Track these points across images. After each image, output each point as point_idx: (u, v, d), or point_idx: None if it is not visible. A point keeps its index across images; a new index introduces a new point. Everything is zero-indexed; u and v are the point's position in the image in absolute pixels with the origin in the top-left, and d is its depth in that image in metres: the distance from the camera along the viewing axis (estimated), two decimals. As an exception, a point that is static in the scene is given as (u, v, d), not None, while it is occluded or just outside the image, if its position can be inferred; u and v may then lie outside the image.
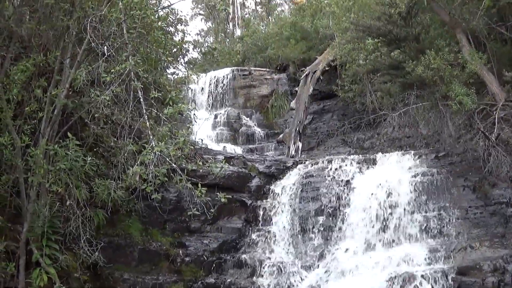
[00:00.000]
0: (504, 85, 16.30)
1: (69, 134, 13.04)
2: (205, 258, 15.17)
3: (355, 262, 14.46)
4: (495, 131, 15.28)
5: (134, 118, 13.80)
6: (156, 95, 12.67)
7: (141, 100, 12.66)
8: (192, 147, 15.81)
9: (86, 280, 13.86)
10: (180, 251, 15.24)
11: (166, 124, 12.49)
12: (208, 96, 27.36)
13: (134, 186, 13.14)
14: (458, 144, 16.70)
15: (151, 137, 12.30)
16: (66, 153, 12.76)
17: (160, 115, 12.46)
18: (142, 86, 12.92)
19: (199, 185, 12.24)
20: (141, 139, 13.32)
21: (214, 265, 15.15)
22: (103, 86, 12.90)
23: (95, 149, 14.33)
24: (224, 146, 22.34)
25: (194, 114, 17.12)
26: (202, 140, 19.33)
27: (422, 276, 13.26)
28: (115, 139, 14.35)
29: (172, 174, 12.27)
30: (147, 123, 12.72)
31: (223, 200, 12.46)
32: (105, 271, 14.28)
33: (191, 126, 16.39)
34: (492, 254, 13.59)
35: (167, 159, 11.84)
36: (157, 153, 11.75)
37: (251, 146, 23.27)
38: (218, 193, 12.67)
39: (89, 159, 13.19)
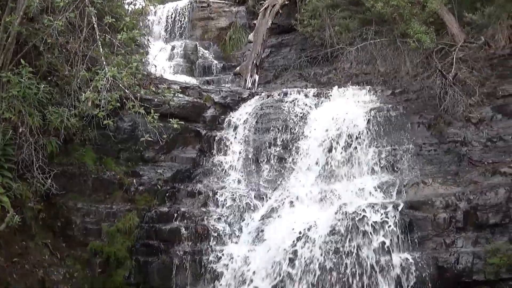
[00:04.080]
0: (464, 26, 16.35)
1: (22, 61, 12.81)
2: (159, 187, 15.13)
3: (308, 194, 14.58)
4: (452, 70, 15.45)
5: (88, 47, 13.70)
6: (110, 21, 12.44)
7: (95, 26, 12.46)
8: (146, 74, 15.66)
9: (40, 209, 13.86)
10: (134, 180, 15.17)
11: (120, 51, 12.33)
12: (166, 28, 26.95)
13: (87, 113, 13.04)
14: (415, 81, 16.77)
15: (104, 64, 12.16)
16: (19, 80, 12.58)
17: (114, 41, 12.26)
18: (96, 12, 12.72)
19: (152, 111, 12.17)
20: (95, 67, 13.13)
21: (167, 194, 15.16)
22: (57, 13, 12.67)
23: (49, 78, 14.12)
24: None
25: (148, 39, 16.89)
26: (156, 66, 19.18)
27: (373, 208, 13.42)
28: (69, 68, 14.06)
29: (125, 101, 12.18)
30: (101, 50, 12.57)
31: (175, 126, 12.43)
32: (59, 200, 14.25)
33: (144, 51, 16.18)
34: (445, 191, 13.78)
35: (120, 84, 11.71)
36: (110, 78, 11.62)
37: (207, 78, 23.06)
38: (170, 119, 12.61)
39: (42, 86, 13.00)
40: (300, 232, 13.41)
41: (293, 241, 13.29)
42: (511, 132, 14.80)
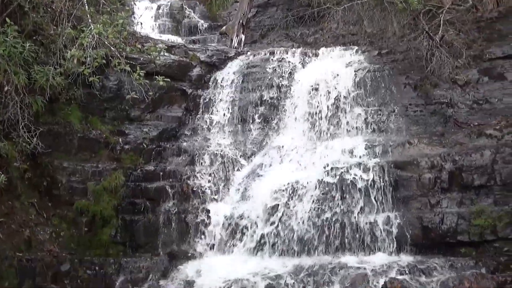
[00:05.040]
0: (452, -12, 16.30)
1: (8, 20, 12.68)
2: (145, 146, 15.14)
3: (294, 152, 14.65)
4: (439, 32, 15.39)
5: (74, 6, 13.65)
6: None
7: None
8: (131, 32, 15.56)
9: (26, 169, 13.81)
10: (120, 139, 15.14)
11: (105, 8, 12.23)
12: (152, -13, 26.67)
13: (72, 71, 12.98)
14: (402, 43, 16.77)
15: (90, 22, 12.07)
16: (4, 39, 12.47)
17: (99, -2, 12.19)
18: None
19: (138, 68, 12.11)
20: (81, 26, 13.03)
21: (153, 153, 15.15)
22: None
23: (34, 37, 14.00)
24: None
25: (134, -1, 16.77)
26: (142, 24, 19.05)
27: (359, 167, 13.49)
28: (55, 27, 14.02)
29: (111, 59, 12.12)
30: (86, 8, 12.48)
31: (161, 83, 12.44)
32: (44, 160, 14.18)
33: (130, 9, 16.05)
34: (430, 151, 13.78)
35: (106, 42, 11.64)
36: (95, 35, 11.55)
37: (193, 37, 22.93)
38: (156, 77, 12.57)
39: (28, 45, 12.91)
40: (286, 190, 13.49)
41: (279, 199, 13.38)
42: (497, 94, 14.83)
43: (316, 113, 15.36)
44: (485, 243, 12.52)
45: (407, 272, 11.80)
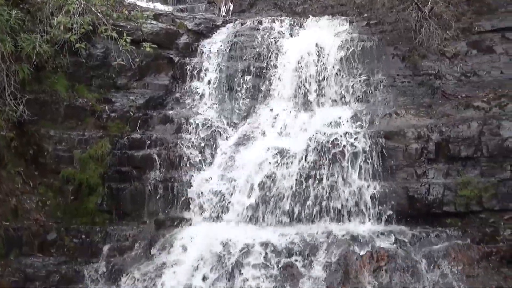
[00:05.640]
0: (442, -40, 16.20)
1: (-8, -13, 12.60)
2: (131, 114, 15.06)
3: (281, 121, 14.68)
4: (428, 4, 15.44)
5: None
6: None
7: None
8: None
9: (12, 137, 13.71)
10: (106, 107, 15.05)
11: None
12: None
13: (59, 38, 12.90)
14: (391, 13, 16.69)
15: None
16: (-10, 7, 12.34)
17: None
18: None
19: (124, 34, 12.03)
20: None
21: (140, 121, 15.03)
22: None
23: (21, 5, 13.88)
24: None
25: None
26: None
27: (345, 136, 13.51)
28: (41, -5, 13.89)
29: (98, 25, 12.04)
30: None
31: (148, 49, 12.40)
32: (31, 128, 14.09)
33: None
34: (417, 122, 13.85)
35: (93, 8, 11.55)
36: (82, 2, 11.46)
37: (181, 6, 22.72)
38: (143, 43, 12.50)
39: (14, 13, 12.86)
40: (272, 158, 13.51)
41: (265, 167, 13.40)
42: (486, 67, 14.92)
43: (303, 82, 15.34)
44: (470, 214, 12.61)
45: (392, 241, 11.91)
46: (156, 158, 14.10)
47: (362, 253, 11.60)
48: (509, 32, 15.17)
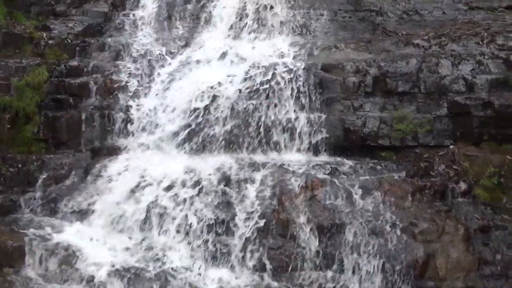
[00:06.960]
0: None
1: None
2: (69, 41, 14.83)
3: (219, 50, 14.54)
4: None
5: None
6: None
7: None
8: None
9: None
10: (44, 34, 14.83)
11: None
12: None
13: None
14: None
15: None
16: None
17: None
18: None
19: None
20: None
21: (78, 48, 14.83)
22: None
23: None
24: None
25: None
26: None
27: (284, 66, 13.49)
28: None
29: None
30: None
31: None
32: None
33: None
34: (356, 56, 13.85)
35: None
36: None
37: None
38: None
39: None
40: (211, 87, 13.39)
41: (203, 95, 13.28)
42: (428, 7, 15.09)
43: (242, 12, 15.27)
44: (405, 149, 12.77)
45: (327, 172, 11.98)
46: (93, 85, 13.88)
47: (297, 182, 11.66)
48: (454, -27, 15.23)
